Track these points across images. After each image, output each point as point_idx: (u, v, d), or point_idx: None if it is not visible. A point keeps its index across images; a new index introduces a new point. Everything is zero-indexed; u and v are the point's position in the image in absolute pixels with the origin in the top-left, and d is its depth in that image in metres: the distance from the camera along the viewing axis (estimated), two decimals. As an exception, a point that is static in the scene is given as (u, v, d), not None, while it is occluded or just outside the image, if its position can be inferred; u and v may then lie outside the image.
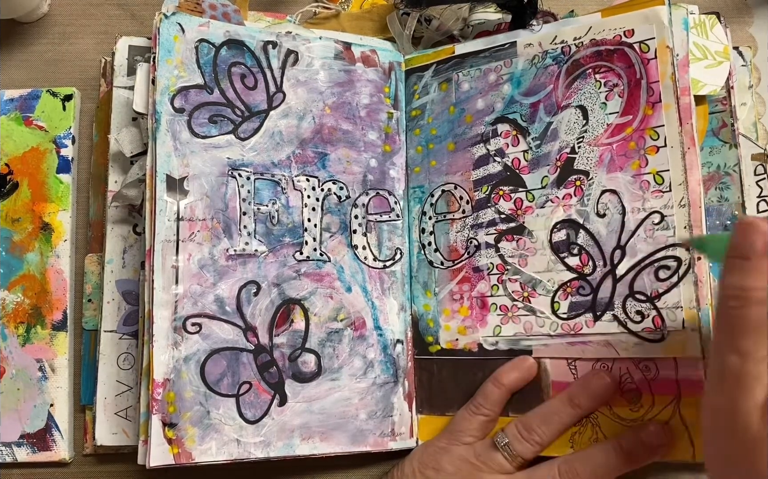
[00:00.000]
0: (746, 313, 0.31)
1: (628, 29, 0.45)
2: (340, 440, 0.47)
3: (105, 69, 0.54)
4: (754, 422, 0.31)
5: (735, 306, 0.31)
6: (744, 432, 0.31)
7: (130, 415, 0.49)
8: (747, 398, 0.31)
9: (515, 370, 0.46)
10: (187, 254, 0.45)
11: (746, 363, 0.31)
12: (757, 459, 0.30)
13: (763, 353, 0.31)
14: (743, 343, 0.31)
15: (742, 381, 0.31)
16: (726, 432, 0.32)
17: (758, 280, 0.31)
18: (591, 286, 0.44)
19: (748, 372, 0.31)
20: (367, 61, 0.52)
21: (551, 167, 0.46)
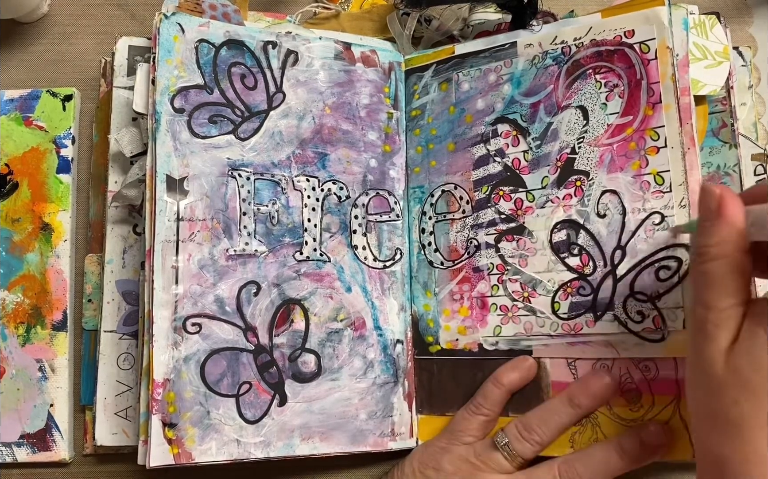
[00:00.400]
0: (707, 268, 0.34)
1: (628, 30, 0.45)
2: (340, 440, 0.47)
3: (105, 69, 0.54)
4: (717, 367, 0.33)
5: (698, 262, 0.34)
6: (709, 378, 0.33)
7: (130, 415, 0.49)
8: (710, 345, 0.33)
9: (515, 370, 0.46)
10: (187, 255, 0.45)
11: (709, 313, 0.33)
12: (722, 401, 0.32)
13: (726, 304, 0.33)
14: (706, 295, 0.34)
15: (706, 330, 0.33)
16: (695, 380, 0.35)
17: (714, 237, 0.34)
18: (591, 286, 0.44)
19: (710, 321, 0.33)
20: (367, 61, 0.52)
21: (551, 168, 0.46)
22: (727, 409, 0.32)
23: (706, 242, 0.34)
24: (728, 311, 0.33)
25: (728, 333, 0.33)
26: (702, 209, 0.35)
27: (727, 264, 0.33)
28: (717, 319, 0.33)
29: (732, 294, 0.33)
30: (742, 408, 0.32)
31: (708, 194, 0.34)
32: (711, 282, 0.33)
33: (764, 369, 0.31)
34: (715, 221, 0.34)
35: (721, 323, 0.33)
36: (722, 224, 0.33)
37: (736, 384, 0.32)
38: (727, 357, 0.32)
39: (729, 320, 0.33)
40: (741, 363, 0.32)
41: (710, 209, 0.34)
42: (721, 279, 0.33)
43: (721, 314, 0.33)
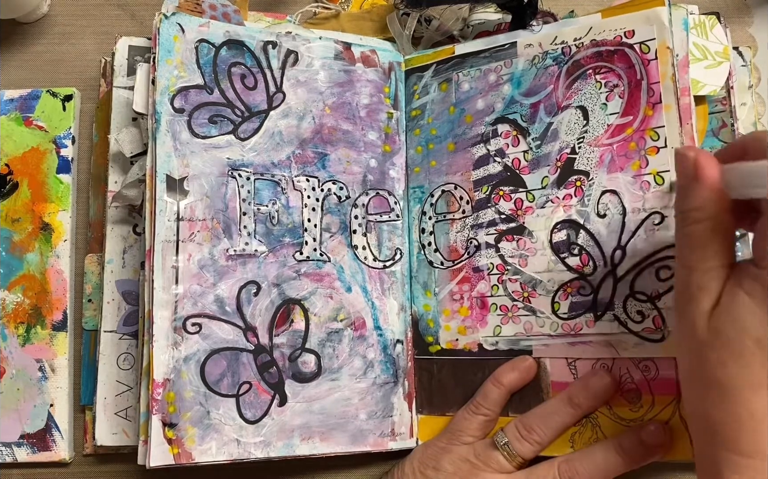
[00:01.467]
0: (689, 231, 0.34)
1: (628, 30, 0.45)
2: (340, 440, 0.47)
3: (105, 69, 0.54)
4: (701, 329, 0.33)
5: (680, 226, 0.35)
6: (694, 341, 0.33)
7: (130, 415, 0.49)
8: (693, 307, 0.33)
9: (515, 370, 0.46)
10: (187, 254, 0.45)
11: (692, 275, 0.34)
12: (708, 364, 0.32)
13: (708, 265, 0.33)
14: (689, 258, 0.34)
15: (689, 292, 0.34)
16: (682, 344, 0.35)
17: (694, 200, 0.34)
18: (591, 286, 0.44)
19: (692, 282, 0.33)
20: (367, 61, 0.52)
21: (551, 168, 0.46)
22: (714, 371, 0.32)
23: (687, 206, 0.34)
24: (711, 273, 0.33)
25: (711, 295, 0.33)
26: (679, 173, 0.35)
27: (709, 226, 0.33)
28: (700, 281, 0.33)
29: (714, 256, 0.33)
30: (729, 370, 0.32)
31: (683, 157, 0.35)
32: (693, 244, 0.34)
33: (747, 330, 0.31)
34: (692, 183, 0.34)
35: (703, 285, 0.33)
36: (700, 187, 0.33)
37: (721, 345, 0.32)
38: (709, 319, 0.33)
39: (712, 282, 0.33)
40: (724, 324, 0.32)
41: (687, 172, 0.34)
42: (703, 241, 0.33)
43: (704, 275, 0.33)
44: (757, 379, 0.31)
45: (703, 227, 0.33)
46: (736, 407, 0.32)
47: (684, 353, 0.35)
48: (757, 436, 0.31)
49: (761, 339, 0.31)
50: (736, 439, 0.32)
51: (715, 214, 0.33)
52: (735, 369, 0.31)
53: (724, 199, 0.33)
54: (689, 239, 0.34)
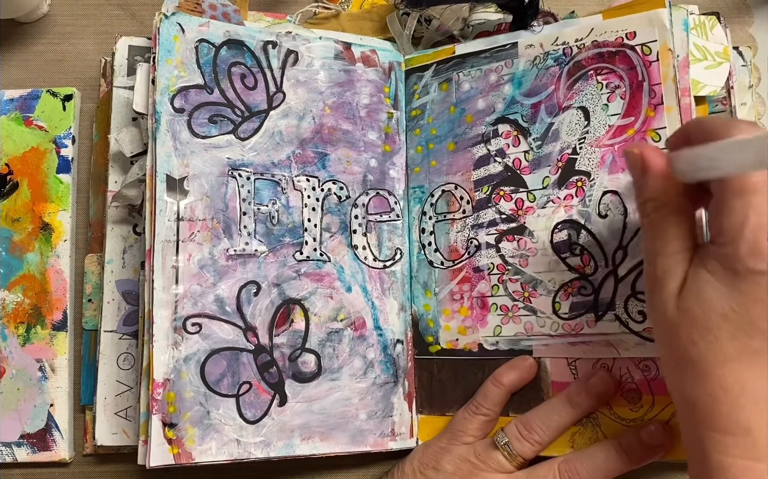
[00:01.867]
0: (649, 220, 0.35)
1: (629, 31, 0.45)
2: (340, 440, 0.47)
3: (105, 69, 0.54)
4: (670, 311, 0.34)
5: (641, 218, 0.36)
6: (665, 323, 0.34)
7: (130, 415, 0.49)
8: (662, 291, 0.34)
9: (515, 370, 0.46)
10: (187, 254, 0.45)
11: (657, 261, 0.35)
12: (680, 343, 0.33)
13: (671, 250, 0.34)
14: (653, 245, 0.35)
15: (656, 277, 0.35)
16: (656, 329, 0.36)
17: (648, 191, 0.35)
18: (592, 286, 0.44)
19: (658, 268, 0.35)
20: (367, 61, 0.52)
21: (552, 168, 0.46)
22: (686, 350, 0.33)
23: (642, 197, 0.36)
24: (675, 257, 0.34)
25: (676, 278, 0.34)
26: (631, 171, 0.37)
27: (665, 212, 0.35)
28: (665, 266, 0.34)
29: (675, 240, 0.34)
30: (699, 347, 0.32)
31: (630, 155, 0.36)
32: (655, 232, 0.35)
33: (712, 306, 0.32)
34: (643, 176, 0.35)
35: (669, 269, 0.34)
36: (650, 177, 0.35)
37: (690, 324, 0.33)
38: (677, 301, 0.33)
39: (677, 266, 0.34)
40: (690, 304, 0.33)
41: (636, 167, 0.36)
42: (663, 227, 0.35)
43: (668, 260, 0.34)
44: (726, 353, 0.32)
45: (661, 214, 0.35)
46: (711, 383, 0.32)
47: (659, 339, 0.36)
48: (734, 411, 0.32)
49: (726, 314, 0.32)
50: (715, 417, 0.32)
51: (669, 199, 0.35)
52: (705, 346, 0.32)
53: (676, 185, 0.35)
54: (650, 228, 0.35)
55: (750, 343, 0.31)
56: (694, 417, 0.33)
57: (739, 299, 0.31)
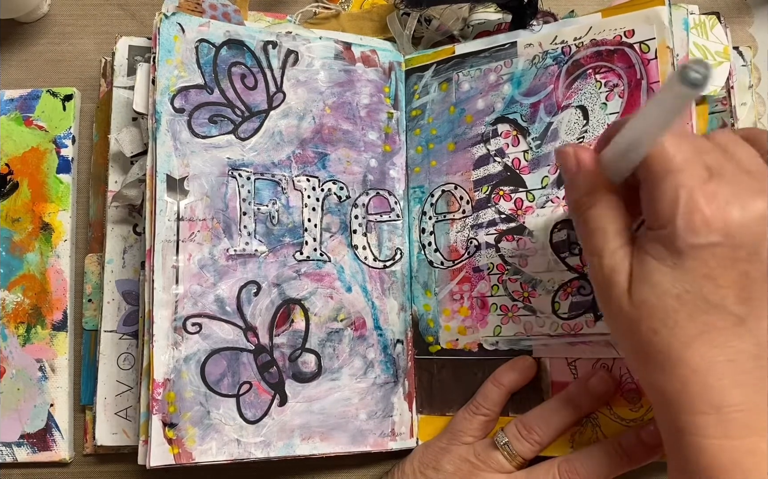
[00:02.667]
0: (585, 218, 0.35)
1: (628, 29, 0.45)
2: (340, 440, 0.47)
3: (105, 69, 0.54)
4: (625, 307, 0.33)
5: (576, 217, 0.36)
6: (622, 320, 0.34)
7: (130, 415, 0.49)
8: (612, 289, 0.34)
9: (514, 370, 0.46)
10: (188, 254, 0.45)
11: (602, 260, 0.34)
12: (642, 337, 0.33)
13: (613, 246, 0.34)
14: (592, 243, 0.35)
15: (603, 275, 0.34)
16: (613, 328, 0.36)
17: (580, 189, 0.35)
18: (591, 286, 0.44)
19: (604, 266, 0.34)
20: (367, 61, 0.52)
21: (552, 167, 0.46)
22: (649, 341, 0.33)
23: (576, 196, 0.36)
24: (618, 252, 0.34)
25: (624, 272, 0.33)
26: (563, 169, 0.37)
27: (601, 209, 0.35)
28: (610, 263, 0.34)
29: (615, 236, 0.34)
30: (661, 334, 0.32)
31: (563, 154, 0.36)
32: (593, 230, 0.35)
33: (665, 290, 0.32)
34: (576, 175, 0.35)
35: (614, 266, 0.34)
36: (582, 175, 0.35)
37: (647, 314, 0.32)
38: (629, 294, 0.33)
39: (622, 261, 0.34)
40: (644, 295, 0.32)
41: (569, 165, 0.36)
42: (601, 224, 0.34)
43: (613, 256, 0.34)
44: (688, 334, 0.32)
45: (596, 210, 0.35)
46: (677, 368, 0.32)
47: (619, 337, 0.36)
48: (705, 391, 0.31)
49: (680, 295, 0.31)
50: (686, 400, 0.32)
51: (604, 196, 0.35)
52: (665, 332, 0.32)
53: (607, 181, 0.35)
54: (587, 226, 0.35)
55: (708, 320, 0.31)
56: (667, 406, 0.33)
57: (688, 277, 0.31)
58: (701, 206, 0.30)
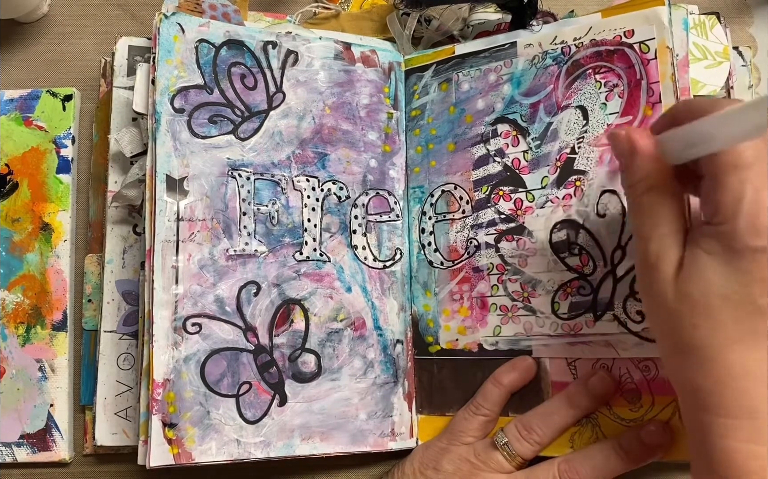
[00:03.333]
0: (638, 202, 0.35)
1: (628, 30, 0.45)
2: (340, 440, 0.47)
3: (105, 69, 0.54)
4: (669, 296, 0.33)
5: (629, 201, 0.36)
6: (664, 309, 0.33)
7: (130, 415, 0.49)
8: (657, 275, 0.33)
9: (514, 370, 0.46)
10: (187, 255, 0.45)
11: (649, 245, 0.34)
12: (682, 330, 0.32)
13: (662, 232, 0.33)
14: (643, 228, 0.34)
15: (649, 261, 0.34)
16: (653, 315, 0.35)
17: (636, 173, 0.35)
18: (591, 286, 0.44)
19: (651, 252, 0.34)
20: (367, 61, 0.52)
21: (551, 168, 0.46)
22: (689, 335, 0.32)
23: (631, 180, 0.35)
24: (667, 240, 0.33)
25: (672, 261, 0.33)
26: (617, 152, 0.36)
27: (655, 193, 0.34)
28: (658, 249, 0.33)
29: (667, 222, 0.33)
30: (702, 332, 0.32)
31: (617, 138, 0.36)
32: (645, 214, 0.34)
33: (712, 288, 0.31)
34: (631, 157, 0.35)
35: (662, 253, 0.33)
36: (638, 158, 0.34)
37: (691, 308, 0.32)
38: (675, 285, 0.33)
39: (670, 249, 0.33)
40: (689, 288, 0.32)
41: (624, 150, 0.35)
42: (653, 209, 0.34)
43: (661, 243, 0.33)
44: (730, 336, 0.31)
45: (651, 196, 0.34)
46: (715, 368, 0.31)
47: (657, 326, 0.35)
48: (739, 395, 0.31)
49: (728, 295, 0.31)
50: (719, 401, 0.32)
51: (659, 181, 0.34)
52: (707, 330, 0.31)
53: (665, 166, 0.34)
54: (639, 210, 0.35)
55: (753, 324, 0.31)
56: (697, 403, 0.33)
57: (740, 279, 0.30)
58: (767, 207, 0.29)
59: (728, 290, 0.31)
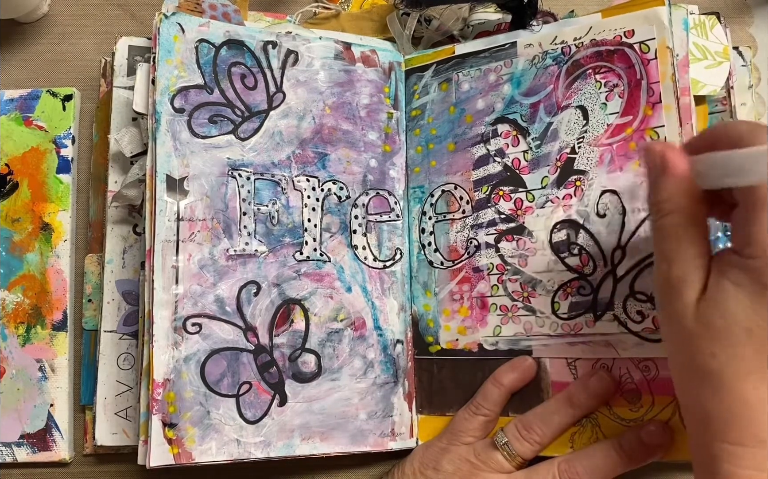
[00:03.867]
0: (663, 223, 0.34)
1: (628, 30, 0.45)
2: (340, 440, 0.47)
3: (105, 69, 0.54)
4: (689, 321, 0.32)
5: (655, 219, 0.35)
6: (682, 333, 0.33)
7: (130, 415, 0.49)
8: (678, 299, 0.33)
9: (514, 370, 0.46)
10: (187, 254, 0.45)
11: (672, 267, 0.33)
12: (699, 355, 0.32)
13: (687, 256, 0.33)
14: (667, 250, 0.34)
15: (671, 284, 0.33)
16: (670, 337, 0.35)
17: (664, 192, 0.34)
18: (591, 286, 0.44)
19: (673, 275, 0.33)
20: (367, 61, 0.52)
21: (551, 168, 0.46)
22: (706, 362, 0.32)
23: (658, 198, 0.34)
24: (692, 263, 0.33)
25: (694, 286, 0.33)
26: (648, 167, 0.35)
27: (682, 216, 0.33)
28: (681, 272, 0.33)
29: (692, 246, 0.33)
30: (720, 360, 0.31)
31: (651, 152, 0.35)
32: (669, 236, 0.34)
33: (736, 319, 0.31)
34: (662, 176, 0.34)
35: (685, 276, 0.33)
36: (669, 178, 0.34)
37: (710, 336, 0.32)
38: (696, 310, 0.32)
39: (693, 273, 0.33)
40: (712, 315, 0.32)
41: (655, 165, 0.34)
42: (678, 232, 0.33)
43: (685, 266, 0.33)
44: (749, 367, 0.31)
45: (676, 218, 0.33)
46: (729, 396, 0.32)
47: (673, 347, 0.35)
48: (751, 424, 0.31)
49: (751, 328, 0.31)
50: (730, 429, 0.32)
51: (687, 205, 0.33)
52: (726, 359, 0.31)
53: (695, 189, 0.33)
54: (665, 231, 0.34)
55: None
56: (707, 428, 0.33)
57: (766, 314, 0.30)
58: None
59: (752, 324, 0.31)
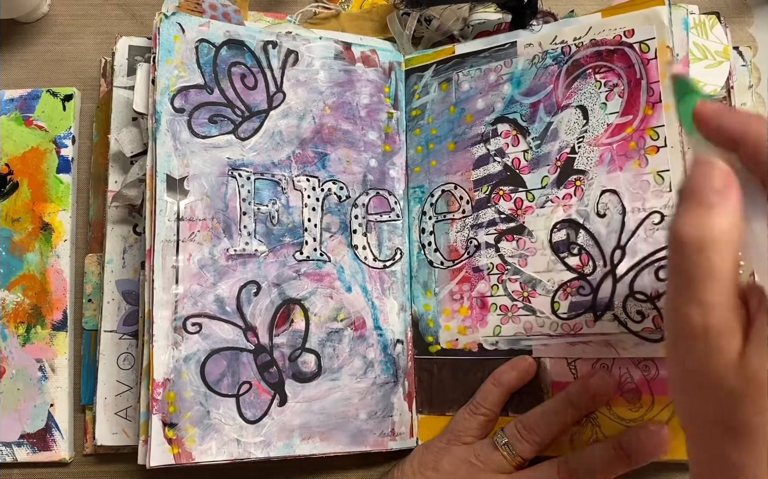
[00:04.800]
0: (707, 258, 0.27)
1: (628, 29, 0.45)
2: (340, 440, 0.47)
3: (105, 69, 0.54)
4: (731, 379, 0.27)
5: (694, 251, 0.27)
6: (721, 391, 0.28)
7: (130, 415, 0.49)
8: (718, 356, 0.27)
9: (514, 370, 0.46)
10: (187, 254, 0.45)
11: (710, 316, 0.27)
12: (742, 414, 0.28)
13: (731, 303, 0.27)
14: (704, 292, 0.27)
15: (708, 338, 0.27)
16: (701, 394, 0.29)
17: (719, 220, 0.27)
18: (591, 286, 0.44)
19: (713, 327, 0.27)
20: (367, 61, 0.52)
21: (551, 167, 0.46)
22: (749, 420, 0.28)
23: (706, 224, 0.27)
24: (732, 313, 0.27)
25: (737, 338, 0.27)
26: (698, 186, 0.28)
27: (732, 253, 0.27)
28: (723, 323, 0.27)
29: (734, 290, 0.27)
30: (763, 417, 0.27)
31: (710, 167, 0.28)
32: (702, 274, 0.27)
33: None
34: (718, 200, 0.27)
35: (725, 328, 0.27)
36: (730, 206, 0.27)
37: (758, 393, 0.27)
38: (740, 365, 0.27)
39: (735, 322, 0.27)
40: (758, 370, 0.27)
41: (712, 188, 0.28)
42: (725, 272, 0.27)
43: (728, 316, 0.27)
44: None
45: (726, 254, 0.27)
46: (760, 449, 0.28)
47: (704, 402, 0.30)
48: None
49: None
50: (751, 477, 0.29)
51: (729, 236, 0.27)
52: None
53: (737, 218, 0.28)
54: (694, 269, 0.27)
55: None
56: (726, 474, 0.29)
57: None
58: None
59: None
